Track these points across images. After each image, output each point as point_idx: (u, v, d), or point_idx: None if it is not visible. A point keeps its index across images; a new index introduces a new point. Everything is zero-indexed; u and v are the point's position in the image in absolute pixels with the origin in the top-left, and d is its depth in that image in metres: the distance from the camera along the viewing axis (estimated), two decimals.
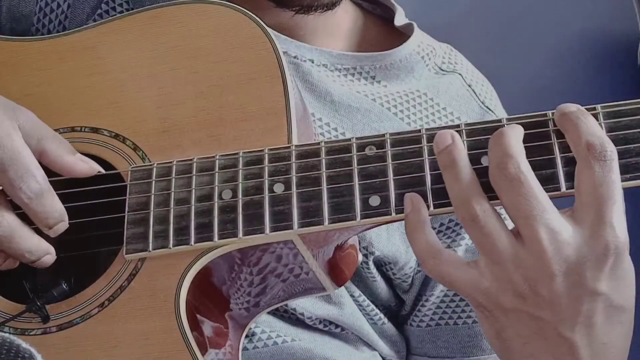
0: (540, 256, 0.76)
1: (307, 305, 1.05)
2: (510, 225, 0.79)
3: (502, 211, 0.80)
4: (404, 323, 1.16)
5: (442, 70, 1.17)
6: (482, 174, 0.81)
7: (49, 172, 0.90)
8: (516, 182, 0.77)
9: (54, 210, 0.87)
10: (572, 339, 0.78)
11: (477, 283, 0.78)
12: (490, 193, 0.80)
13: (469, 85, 1.18)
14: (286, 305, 1.04)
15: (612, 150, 0.77)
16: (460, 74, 1.19)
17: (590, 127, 0.79)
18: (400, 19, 1.18)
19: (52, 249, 0.88)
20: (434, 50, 1.18)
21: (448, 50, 1.21)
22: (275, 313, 1.04)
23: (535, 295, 0.77)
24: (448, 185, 0.80)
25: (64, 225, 0.88)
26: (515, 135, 0.79)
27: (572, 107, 0.80)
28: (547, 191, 0.79)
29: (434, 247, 0.80)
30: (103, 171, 0.91)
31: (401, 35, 1.17)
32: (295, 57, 1.09)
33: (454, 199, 0.79)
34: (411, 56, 1.14)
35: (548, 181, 0.80)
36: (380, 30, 1.20)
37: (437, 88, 1.16)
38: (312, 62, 1.09)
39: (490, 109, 1.17)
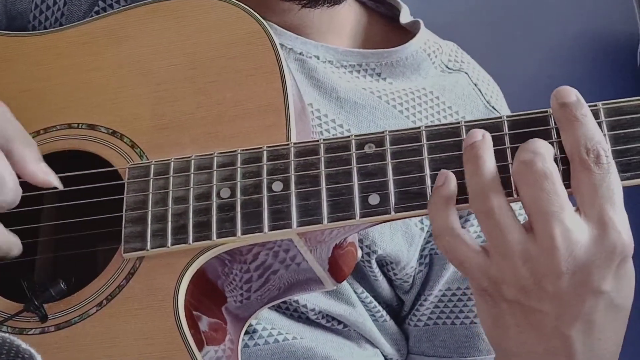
0: (551, 253, 0.76)
1: (309, 298, 1.04)
2: None
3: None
4: (402, 323, 1.16)
5: (449, 68, 1.17)
6: None
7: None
8: (541, 176, 0.77)
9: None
10: (568, 334, 0.79)
11: (485, 268, 0.79)
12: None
13: (475, 85, 1.18)
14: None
15: (608, 155, 0.77)
16: (466, 73, 1.18)
17: (588, 129, 0.78)
18: (405, 17, 1.17)
19: (19, 242, 0.87)
20: (440, 48, 1.17)
21: (454, 49, 1.20)
22: (277, 309, 1.04)
23: (540, 289, 0.77)
24: (468, 177, 0.80)
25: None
26: (543, 139, 0.79)
27: (572, 97, 0.79)
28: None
29: (454, 225, 0.80)
30: (61, 187, 0.89)
31: (406, 33, 1.17)
32: (300, 54, 1.08)
33: (472, 191, 0.79)
34: (417, 54, 1.14)
35: None
36: (385, 28, 1.19)
37: (443, 86, 1.15)
38: (318, 58, 1.09)
39: (495, 109, 1.17)
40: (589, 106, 0.80)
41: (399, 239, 1.08)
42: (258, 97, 0.90)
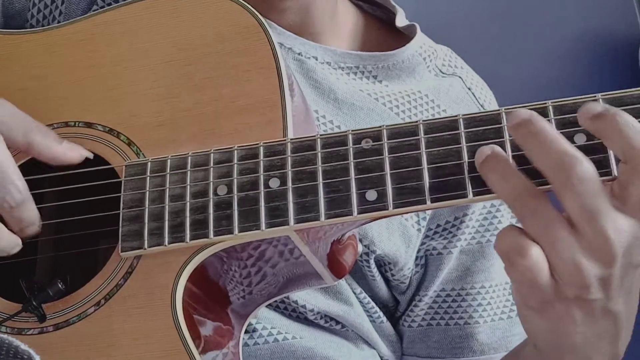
0: (607, 244, 0.75)
1: (308, 298, 1.04)
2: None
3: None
4: (396, 324, 1.16)
5: (442, 72, 1.17)
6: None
7: (44, 167, 0.89)
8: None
9: (32, 216, 0.87)
10: (616, 310, 0.80)
11: (547, 277, 0.77)
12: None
13: (469, 89, 1.18)
14: (287, 298, 1.03)
15: None
16: (460, 77, 1.19)
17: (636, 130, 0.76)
18: (401, 20, 1.18)
19: (19, 240, 0.87)
20: (435, 52, 1.18)
21: (449, 53, 1.21)
22: (276, 308, 1.04)
23: (597, 279, 0.77)
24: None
25: (35, 228, 0.88)
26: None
27: (599, 108, 0.76)
28: (540, 185, 0.78)
29: (521, 244, 0.78)
30: (91, 156, 0.90)
31: (401, 36, 1.17)
32: (299, 54, 1.08)
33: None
34: (413, 57, 1.14)
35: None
36: (381, 31, 1.20)
37: (438, 90, 1.16)
38: (316, 59, 1.09)
39: None
40: (588, 98, 0.80)
41: (397, 239, 1.08)
42: (254, 93, 0.89)
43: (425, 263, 1.13)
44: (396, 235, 1.08)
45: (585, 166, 0.74)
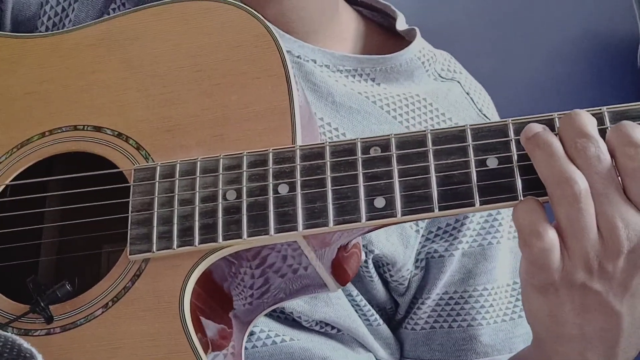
0: (614, 234, 0.78)
1: (304, 310, 1.05)
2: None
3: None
4: (398, 327, 1.16)
5: (441, 77, 1.18)
6: (488, 175, 0.81)
7: (51, 170, 0.90)
8: (595, 160, 0.78)
9: None
10: (619, 310, 0.81)
11: (561, 260, 0.80)
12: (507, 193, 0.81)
13: (467, 93, 1.19)
14: (283, 307, 1.04)
15: None
16: (459, 82, 1.20)
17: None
18: (401, 24, 1.19)
19: None
20: (434, 57, 1.19)
21: (448, 58, 1.22)
22: (272, 315, 1.05)
23: (600, 270, 0.79)
24: (543, 166, 0.79)
25: None
26: (589, 116, 0.80)
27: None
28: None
29: (538, 226, 0.80)
30: None
31: (401, 41, 1.18)
32: (298, 57, 1.09)
33: (553, 178, 0.79)
34: (412, 61, 1.15)
35: None
36: (381, 36, 1.21)
37: (436, 94, 1.16)
38: (315, 62, 1.10)
39: (487, 117, 1.18)
40: (593, 111, 0.81)
41: (395, 240, 1.09)
42: (263, 100, 0.90)
43: (427, 266, 1.13)
44: (394, 236, 1.09)
45: (598, 146, 0.78)
